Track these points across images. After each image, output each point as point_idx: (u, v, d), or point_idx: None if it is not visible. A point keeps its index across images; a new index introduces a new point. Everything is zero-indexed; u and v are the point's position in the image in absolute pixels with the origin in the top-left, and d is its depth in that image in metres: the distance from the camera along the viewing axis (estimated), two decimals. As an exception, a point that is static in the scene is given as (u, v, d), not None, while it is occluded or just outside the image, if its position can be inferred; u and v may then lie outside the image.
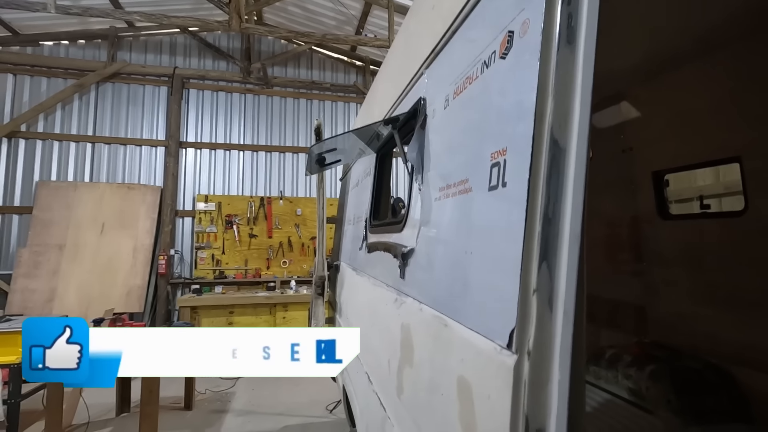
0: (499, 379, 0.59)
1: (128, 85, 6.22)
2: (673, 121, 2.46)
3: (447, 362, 0.79)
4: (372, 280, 1.64)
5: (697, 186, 3.36)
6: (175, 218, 6.19)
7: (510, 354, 0.58)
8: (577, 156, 0.57)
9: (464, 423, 0.69)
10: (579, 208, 0.57)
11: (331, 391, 4.26)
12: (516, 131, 0.65)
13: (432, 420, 0.85)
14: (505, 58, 0.71)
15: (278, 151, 6.69)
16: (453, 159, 0.91)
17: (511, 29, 0.70)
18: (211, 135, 6.49)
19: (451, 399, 0.74)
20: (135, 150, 6.18)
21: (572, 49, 0.60)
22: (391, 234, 1.38)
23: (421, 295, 1.02)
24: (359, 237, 2.06)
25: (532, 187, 0.60)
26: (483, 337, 0.66)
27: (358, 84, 7.06)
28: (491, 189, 0.70)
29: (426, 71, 1.21)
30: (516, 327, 0.58)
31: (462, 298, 0.77)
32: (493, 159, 0.71)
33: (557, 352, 0.55)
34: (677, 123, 2.45)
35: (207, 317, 5.50)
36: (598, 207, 2.86)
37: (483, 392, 0.64)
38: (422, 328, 0.97)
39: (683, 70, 2.29)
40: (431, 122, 1.10)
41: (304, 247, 6.55)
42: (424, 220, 1.05)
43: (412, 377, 1.01)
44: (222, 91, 6.57)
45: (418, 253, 1.08)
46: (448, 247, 0.88)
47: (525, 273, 0.58)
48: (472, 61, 0.86)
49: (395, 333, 1.18)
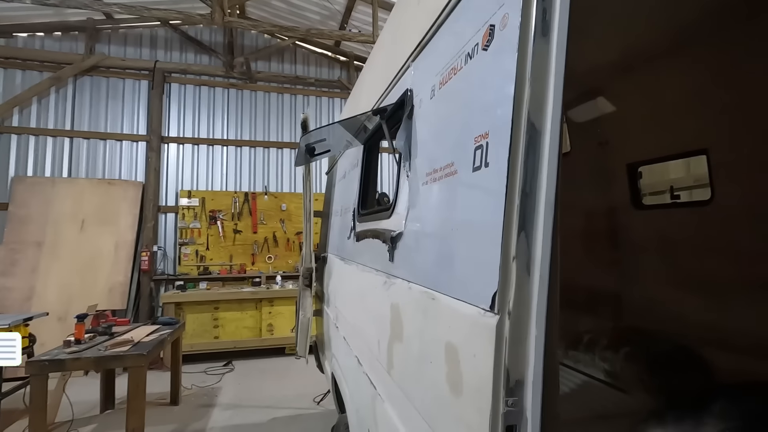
0: (483, 338, 0.66)
1: (107, 78, 6.10)
2: (646, 115, 2.58)
3: (435, 331, 0.85)
4: (361, 267, 1.70)
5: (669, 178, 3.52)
6: (157, 214, 6.11)
7: (492, 315, 0.65)
8: (551, 137, 0.64)
9: (452, 383, 0.75)
10: (553, 183, 0.64)
11: (317, 384, 4.31)
12: (497, 116, 0.71)
13: (421, 387, 0.92)
14: (487, 50, 0.78)
15: (262, 146, 6.66)
16: (439, 145, 0.97)
17: (492, 23, 0.76)
18: (194, 130, 6.42)
19: (440, 364, 0.81)
20: (115, 145, 6.07)
21: (547, 40, 0.66)
22: (379, 221, 1.44)
23: (409, 275, 1.08)
24: (347, 227, 2.11)
25: (511, 166, 0.66)
26: (468, 304, 0.73)
27: (342, 79, 7.08)
28: (475, 170, 0.77)
29: (413, 63, 1.27)
30: (498, 291, 0.64)
31: (449, 271, 0.84)
32: (477, 142, 0.77)
33: (534, 312, 0.62)
34: (650, 117, 2.57)
35: (192, 313, 5.47)
36: (578, 198, 2.97)
37: (469, 352, 0.70)
38: (411, 304, 1.03)
39: (655, 66, 2.41)
40: (418, 112, 1.16)
41: (290, 242, 6.56)
42: (412, 204, 1.11)
43: (401, 352, 1.07)
44: (204, 86, 6.50)
45: (407, 236, 1.14)
46: (436, 227, 0.94)
47: (506, 242, 0.64)
48: (456, 53, 0.92)
49: (385, 314, 1.24)
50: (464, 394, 0.71)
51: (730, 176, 2.20)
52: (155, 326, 3.94)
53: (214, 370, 5.29)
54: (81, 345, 3.23)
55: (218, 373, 5.22)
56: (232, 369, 5.39)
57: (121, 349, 3.15)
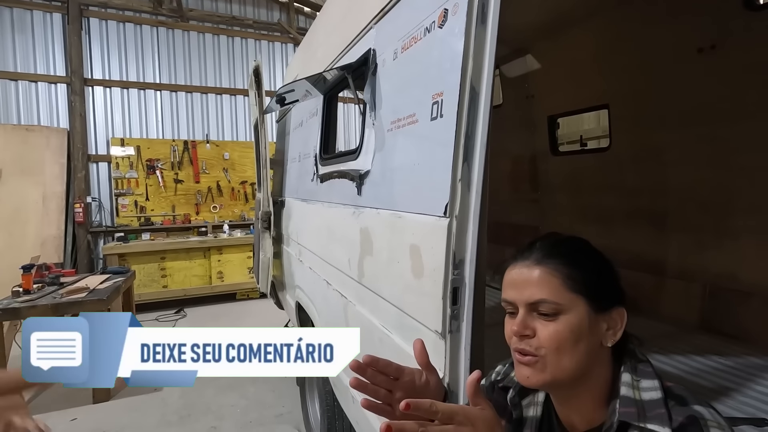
0: (438, 235, 0.98)
1: (10, 8, 5.39)
2: (564, 72, 2.99)
3: (401, 239, 1.17)
4: (326, 204, 1.97)
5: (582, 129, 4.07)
6: (88, 163, 5.76)
7: (445, 219, 0.96)
8: (485, 97, 0.94)
9: (415, 271, 1.08)
10: (485, 130, 0.94)
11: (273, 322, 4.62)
12: (449, 80, 0.99)
13: (389, 282, 1.25)
14: (442, 27, 1.04)
15: (200, 91, 6.38)
16: (402, 99, 1.24)
17: (446, 8, 1.02)
18: (121, 72, 5.96)
19: (405, 261, 1.13)
20: (30, 86, 5.50)
21: (485, 26, 0.94)
22: (345, 163, 1.69)
23: (377, 204, 1.37)
24: (308, 171, 2.33)
25: (459, 118, 0.95)
26: (428, 215, 1.04)
27: (282, 22, 6.83)
28: (432, 119, 1.05)
29: (375, 26, 1.48)
30: (448, 202, 0.95)
31: (412, 195, 1.14)
32: (434, 99, 1.05)
33: (471, 215, 0.95)
34: (567, 74, 2.98)
35: (138, 264, 5.42)
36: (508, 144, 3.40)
37: (428, 246, 1.03)
38: (380, 225, 1.33)
39: (572, 29, 2.78)
40: (382, 70, 1.40)
41: (234, 191, 6.54)
42: (378, 147, 1.39)
43: (371, 262, 1.39)
44: (129, 23, 5.97)
45: (374, 173, 1.42)
46: (400, 164, 1.23)
47: (454, 169, 0.95)
48: (416, 25, 1.17)
49: (354, 237, 1.53)
50: (425, 275, 1.04)
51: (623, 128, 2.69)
52: (106, 275, 3.95)
53: (166, 318, 5.39)
54: (32, 294, 3.22)
55: (171, 320, 5.34)
56: (185, 315, 5.53)
57: (78, 295, 3.19)
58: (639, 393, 0.63)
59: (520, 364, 0.67)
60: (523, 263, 0.68)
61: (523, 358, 0.66)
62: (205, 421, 2.98)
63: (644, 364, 0.67)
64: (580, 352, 0.64)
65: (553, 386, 0.67)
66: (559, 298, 0.64)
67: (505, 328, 0.70)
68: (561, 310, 0.64)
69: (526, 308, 0.66)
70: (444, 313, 0.96)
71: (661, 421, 0.58)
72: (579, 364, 0.64)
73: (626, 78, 2.56)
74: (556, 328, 0.63)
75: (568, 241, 0.72)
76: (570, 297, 0.64)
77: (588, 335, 0.64)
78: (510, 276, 0.70)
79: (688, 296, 2.37)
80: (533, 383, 0.66)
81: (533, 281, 0.66)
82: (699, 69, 2.20)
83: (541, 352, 0.64)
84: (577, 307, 0.64)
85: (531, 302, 0.65)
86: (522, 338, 0.66)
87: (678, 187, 2.42)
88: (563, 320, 0.64)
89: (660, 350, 2.04)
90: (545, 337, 0.64)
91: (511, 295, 0.68)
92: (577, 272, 0.66)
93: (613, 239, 2.69)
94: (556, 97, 3.17)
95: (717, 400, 1.61)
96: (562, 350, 0.63)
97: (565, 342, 0.63)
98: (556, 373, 0.64)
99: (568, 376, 0.64)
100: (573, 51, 2.87)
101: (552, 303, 0.64)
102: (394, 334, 1.22)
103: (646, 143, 2.55)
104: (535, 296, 0.65)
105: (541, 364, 0.64)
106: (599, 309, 0.66)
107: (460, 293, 0.95)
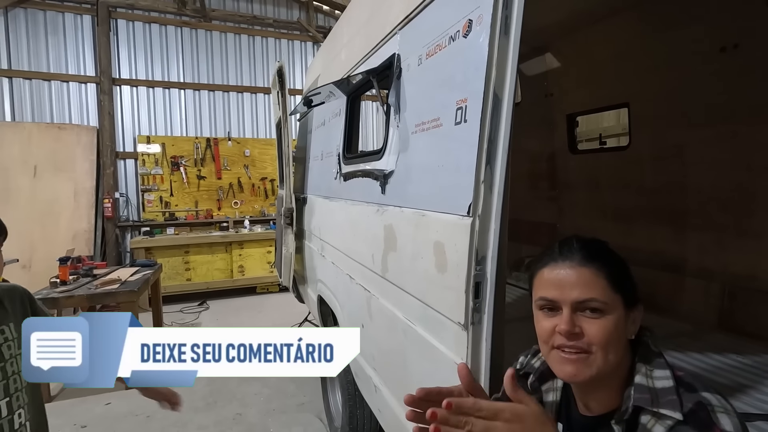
0: (462, 233, 1.04)
1: (44, 11, 5.62)
2: (583, 71, 2.99)
3: (425, 236, 1.23)
4: (350, 202, 2.04)
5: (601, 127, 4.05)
6: (116, 160, 5.99)
7: (468, 218, 1.03)
8: (508, 103, 1.00)
9: (439, 266, 1.15)
10: (507, 134, 1.00)
11: (292, 316, 4.75)
12: (473, 87, 1.05)
13: (414, 276, 1.32)
14: (466, 37, 1.10)
15: (222, 90, 6.54)
16: (427, 103, 1.30)
17: (471, 18, 1.07)
18: (147, 72, 6.15)
19: (429, 257, 1.20)
20: (62, 86, 5.74)
21: (507, 37, 0.99)
22: (370, 162, 1.77)
23: (401, 202, 1.44)
24: (331, 169, 2.41)
25: (482, 122, 1.02)
26: (451, 214, 1.10)
27: (301, 20, 6.93)
28: (457, 124, 1.11)
29: (400, 32, 1.55)
30: (471, 202, 1.02)
31: (436, 195, 1.21)
32: (458, 104, 1.11)
33: (493, 215, 1.01)
34: (587, 73, 2.99)
35: (163, 257, 5.61)
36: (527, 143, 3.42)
37: (452, 243, 1.09)
38: (404, 223, 1.40)
39: (592, 28, 2.78)
40: (406, 75, 1.47)
41: (255, 187, 6.70)
42: (402, 148, 1.45)
43: (395, 258, 1.46)
44: (155, 23, 6.15)
45: (398, 173, 1.49)
46: (424, 165, 1.30)
47: (477, 172, 1.01)
48: (441, 33, 1.23)
49: (378, 234, 1.61)
50: (448, 270, 1.11)
51: (643, 127, 2.69)
52: (135, 267, 4.13)
53: (190, 310, 5.58)
54: (68, 285, 3.40)
55: (195, 311, 5.52)
56: (207, 308, 5.71)
57: (111, 287, 3.36)
58: (652, 381, 0.68)
59: (566, 361, 0.69)
60: (567, 263, 0.72)
61: (571, 356, 0.69)
62: (231, 408, 3.12)
63: (657, 355, 0.72)
64: (621, 346, 0.70)
65: (596, 379, 0.69)
66: (606, 297, 0.69)
67: (538, 326, 0.74)
68: (607, 308, 0.69)
69: (571, 307, 0.69)
70: (467, 306, 1.02)
71: (673, 406, 0.64)
72: (618, 358, 0.69)
73: (647, 76, 2.56)
74: (605, 324, 0.68)
75: (599, 242, 0.76)
76: (613, 296, 0.69)
77: (624, 330, 0.70)
78: (552, 275, 0.73)
79: (707, 295, 2.38)
80: (581, 379, 0.69)
81: (582, 281, 0.69)
82: (721, 68, 2.20)
83: (592, 348, 0.68)
84: (618, 304, 0.70)
85: (579, 301, 0.69)
86: (571, 336, 0.69)
87: (698, 186, 2.42)
88: (609, 318, 0.68)
89: (678, 348, 2.06)
90: (595, 333, 0.68)
91: (554, 294, 0.71)
92: (615, 272, 0.71)
93: (632, 238, 2.71)
94: (575, 95, 3.18)
95: (733, 396, 1.64)
96: (610, 346, 0.68)
97: (612, 338, 0.68)
98: (602, 367, 0.68)
99: (611, 369, 0.69)
100: (593, 49, 2.87)
101: (601, 302, 0.68)
102: (418, 326, 1.30)
103: (667, 142, 2.55)
104: (584, 295, 0.69)
105: (590, 360, 0.68)
106: (629, 305, 0.71)
107: (482, 287, 1.02)
